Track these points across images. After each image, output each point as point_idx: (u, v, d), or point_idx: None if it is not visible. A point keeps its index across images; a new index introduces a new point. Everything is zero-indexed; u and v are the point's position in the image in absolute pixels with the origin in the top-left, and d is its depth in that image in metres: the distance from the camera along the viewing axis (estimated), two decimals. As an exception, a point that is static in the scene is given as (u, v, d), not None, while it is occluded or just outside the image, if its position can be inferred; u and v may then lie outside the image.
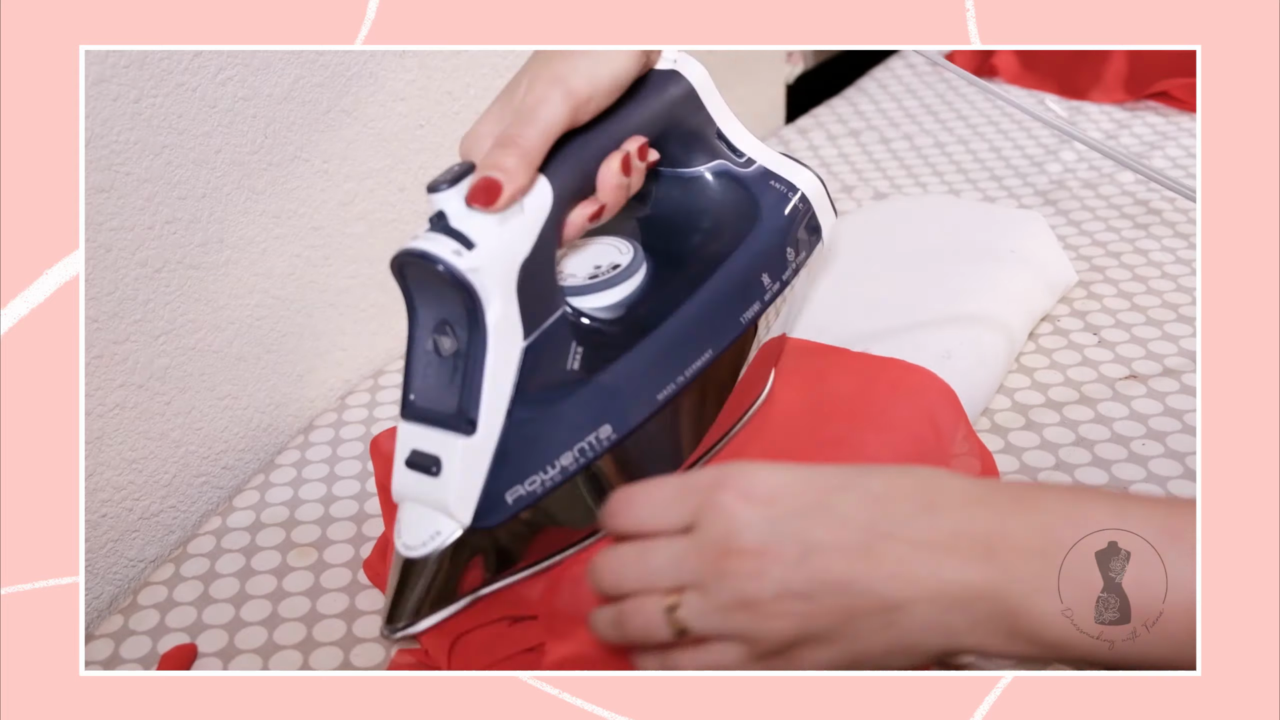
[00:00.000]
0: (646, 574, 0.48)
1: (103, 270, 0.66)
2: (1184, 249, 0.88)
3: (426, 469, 0.52)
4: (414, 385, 0.53)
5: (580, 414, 0.55)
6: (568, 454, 0.54)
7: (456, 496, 0.52)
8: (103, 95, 0.63)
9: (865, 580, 0.44)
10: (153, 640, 0.63)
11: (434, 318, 0.52)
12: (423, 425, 0.53)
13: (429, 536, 0.54)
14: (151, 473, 0.72)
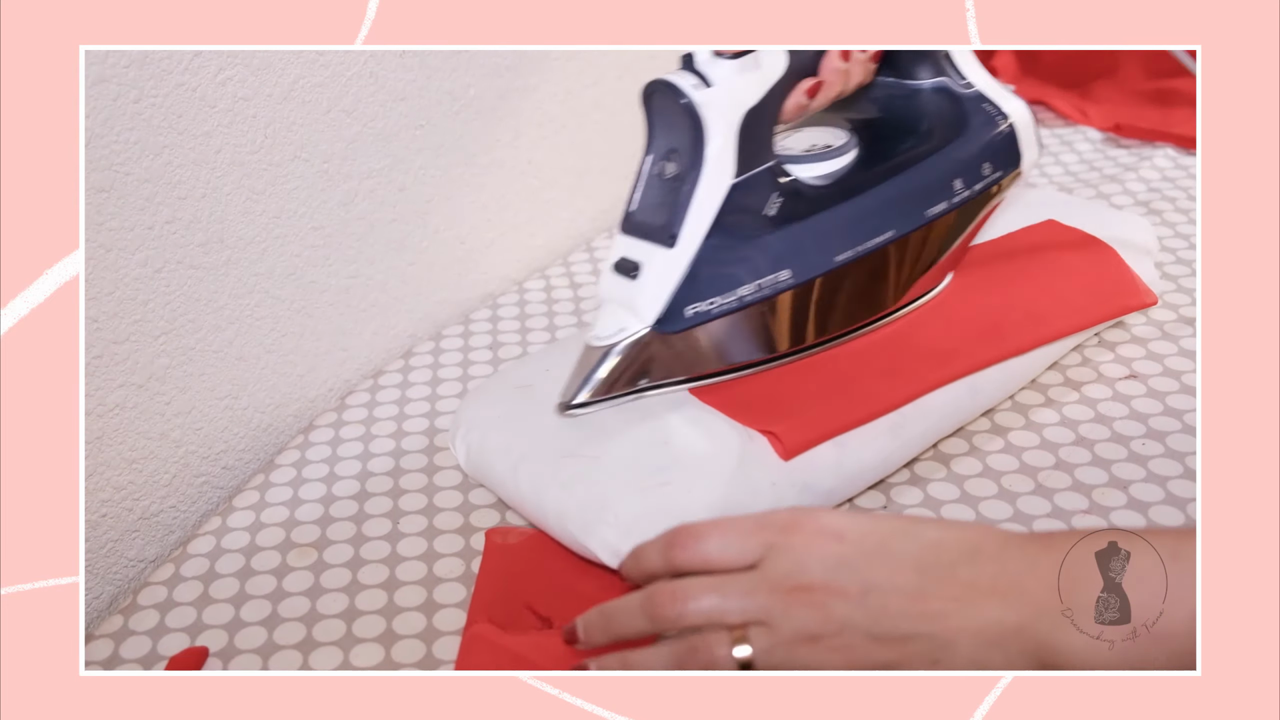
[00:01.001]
0: (715, 608, 0.50)
1: (103, 270, 0.66)
2: (1184, 249, 0.88)
3: (628, 273, 0.62)
4: (636, 201, 0.63)
5: (765, 254, 0.63)
6: (747, 286, 0.63)
7: (647, 299, 0.62)
8: (103, 95, 0.63)
9: (917, 619, 0.48)
10: (152, 640, 0.63)
11: (665, 145, 0.62)
12: (634, 237, 0.62)
13: (616, 330, 0.63)
14: (151, 473, 0.72)
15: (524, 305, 0.89)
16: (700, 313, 0.62)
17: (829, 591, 0.49)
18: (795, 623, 0.49)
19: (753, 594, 0.50)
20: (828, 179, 0.67)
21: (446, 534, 0.68)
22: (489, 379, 0.76)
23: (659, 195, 0.62)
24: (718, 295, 0.62)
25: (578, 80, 0.93)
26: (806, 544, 0.50)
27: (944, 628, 0.48)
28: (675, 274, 0.61)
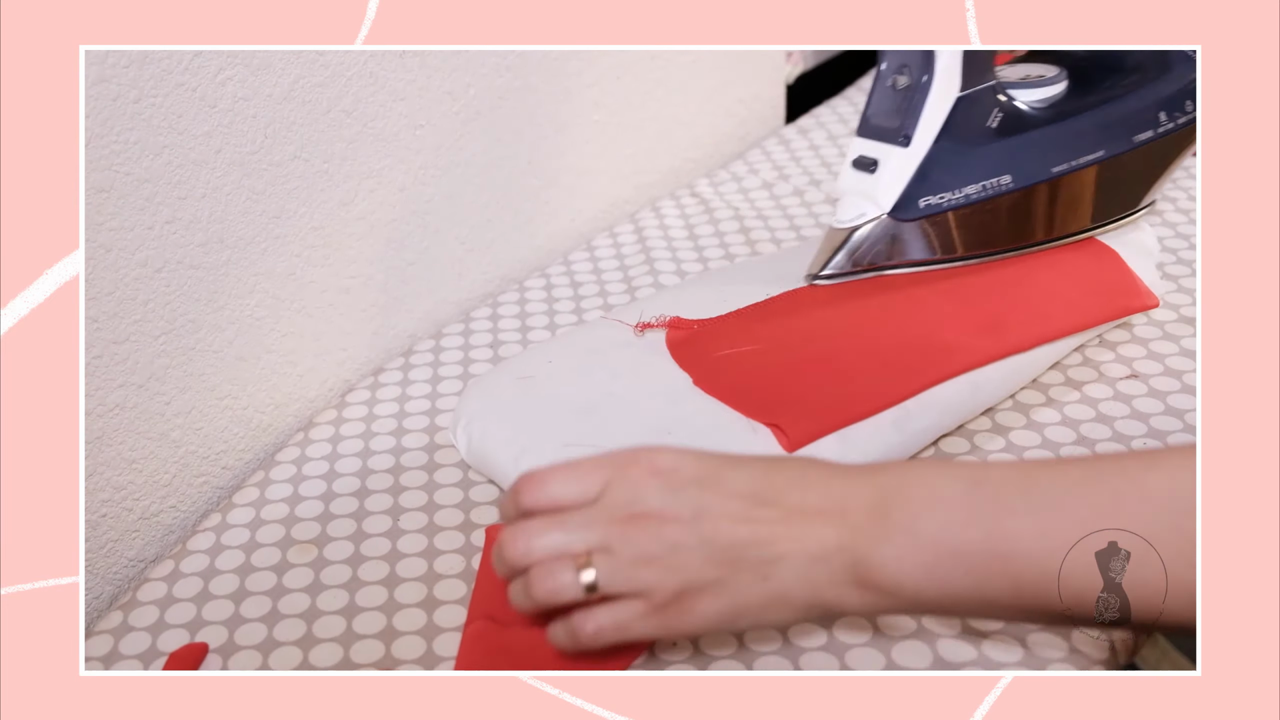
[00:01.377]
0: (559, 542, 0.53)
1: (103, 270, 0.66)
2: (1185, 249, 0.88)
3: (867, 168, 0.71)
4: (871, 110, 0.72)
5: (989, 158, 0.72)
6: (972, 186, 0.71)
7: (885, 190, 0.71)
8: (103, 95, 0.63)
9: (746, 540, 0.52)
10: (152, 637, 0.63)
11: (898, 60, 0.70)
12: (871, 139, 0.72)
13: (857, 215, 0.72)
14: (151, 473, 0.72)
15: (524, 305, 0.89)
16: (931, 205, 0.71)
17: (663, 518, 0.52)
18: (633, 547, 0.52)
19: (592, 525, 0.53)
20: (1043, 103, 0.74)
21: (447, 530, 0.68)
22: (490, 370, 0.76)
23: (892, 103, 0.71)
24: (946, 191, 0.71)
25: (578, 80, 0.93)
26: (642, 476, 0.53)
27: (772, 548, 0.52)
28: (910, 169, 0.70)
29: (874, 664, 0.58)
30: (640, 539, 0.52)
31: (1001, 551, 0.50)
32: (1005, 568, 0.50)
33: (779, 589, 0.52)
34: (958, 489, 0.51)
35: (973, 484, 0.51)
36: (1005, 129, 0.72)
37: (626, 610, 0.53)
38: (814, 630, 0.60)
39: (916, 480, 0.52)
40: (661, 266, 0.92)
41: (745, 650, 0.59)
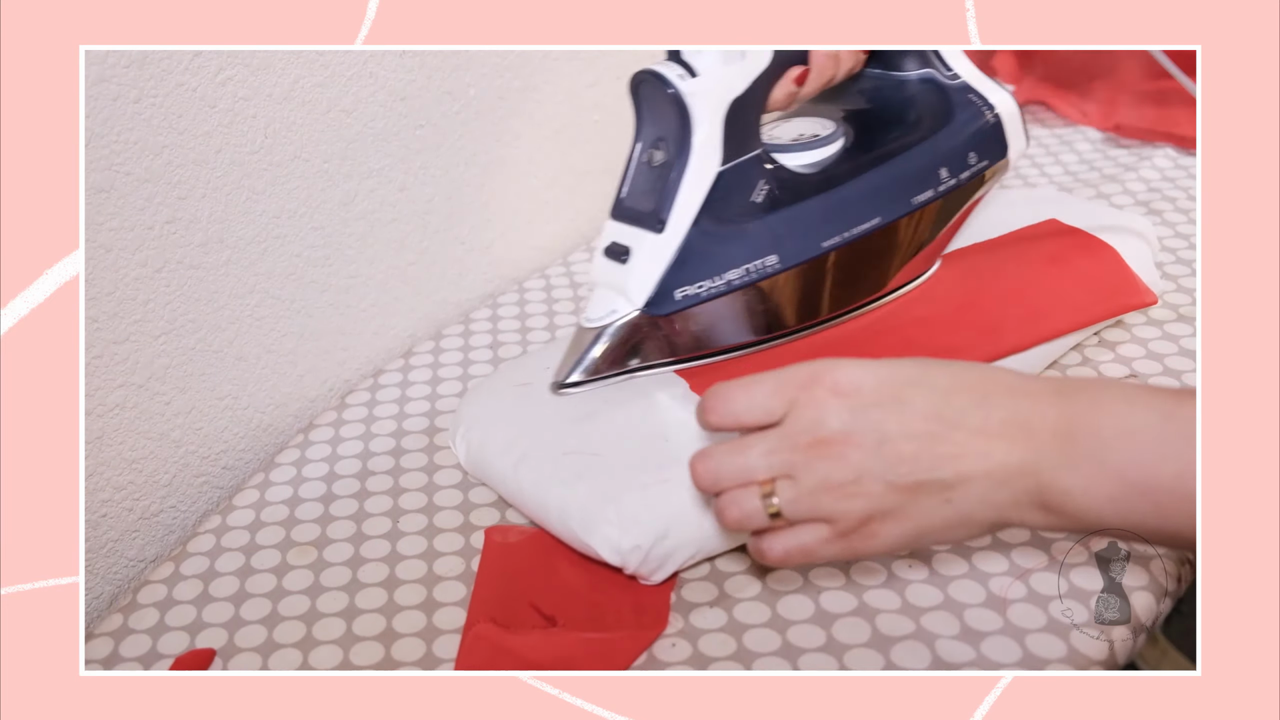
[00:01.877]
0: (743, 468, 0.54)
1: (103, 270, 0.66)
2: (1184, 249, 0.88)
3: (618, 257, 0.64)
4: (625, 189, 0.64)
5: (753, 240, 0.65)
6: (735, 270, 0.64)
7: (637, 282, 0.63)
8: (103, 95, 0.63)
9: (929, 463, 0.52)
10: (152, 639, 0.63)
11: (653, 133, 0.63)
12: (623, 223, 0.64)
13: (608, 313, 0.65)
14: (151, 473, 0.72)
15: (524, 305, 0.89)
16: (689, 296, 0.64)
17: (846, 443, 0.52)
18: (816, 474, 0.52)
19: (776, 451, 0.53)
20: (815, 167, 0.68)
21: (446, 532, 0.68)
22: (489, 377, 0.76)
23: (647, 182, 0.64)
24: (706, 279, 0.64)
25: (578, 80, 0.93)
26: (824, 399, 0.53)
27: (955, 471, 0.51)
28: (664, 258, 0.63)
29: (873, 664, 0.58)
30: (823, 466, 0.52)
31: (1191, 490, 0.49)
32: (1192, 506, 0.49)
33: (962, 511, 0.52)
34: (1150, 421, 0.50)
35: (1164, 417, 0.50)
36: (772, 202, 0.65)
37: (811, 535, 0.54)
38: (814, 630, 0.60)
39: (1107, 409, 0.51)
40: (661, 267, 0.92)
41: (745, 650, 0.59)
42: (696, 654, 0.59)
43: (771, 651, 0.59)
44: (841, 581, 0.63)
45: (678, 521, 0.62)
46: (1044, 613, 0.60)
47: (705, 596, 0.63)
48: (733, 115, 0.62)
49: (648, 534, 0.61)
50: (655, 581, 0.63)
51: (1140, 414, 0.50)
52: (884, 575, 0.63)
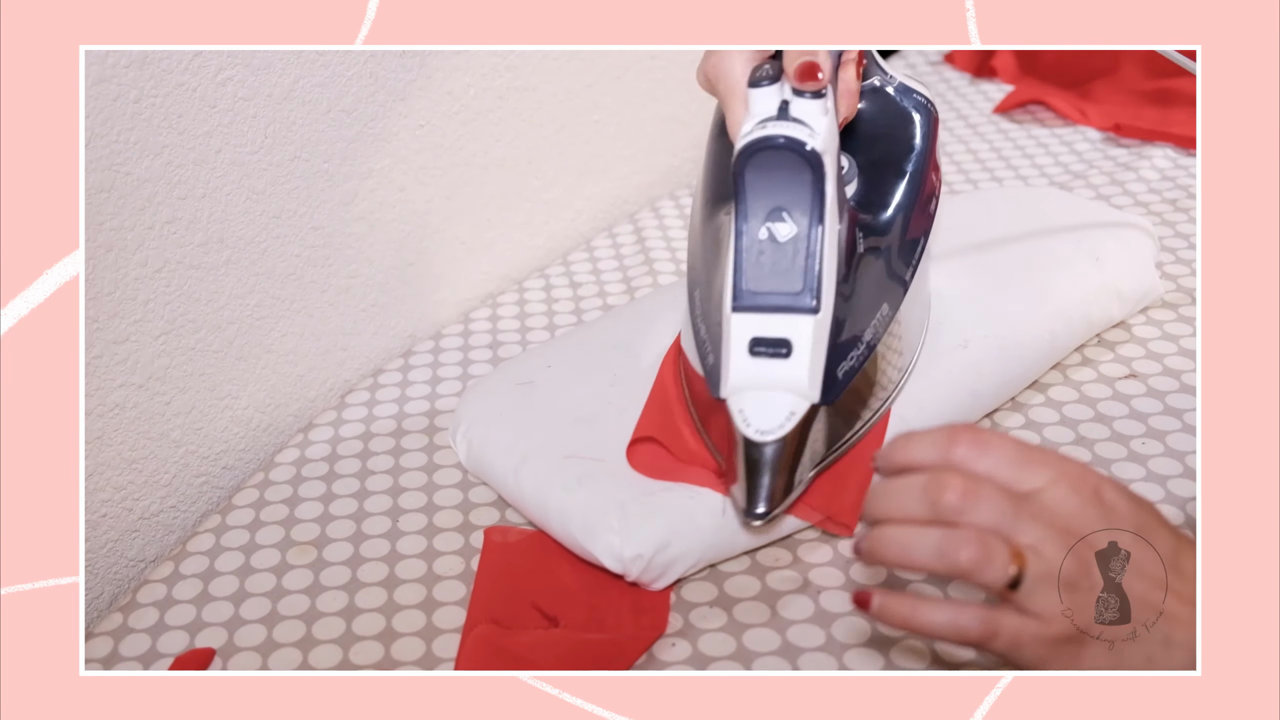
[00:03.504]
0: (1006, 518, 0.48)
1: (103, 270, 0.66)
2: (1184, 249, 0.88)
3: (777, 351, 0.56)
4: (747, 276, 0.57)
5: (867, 293, 0.60)
6: (868, 330, 0.60)
7: (808, 374, 0.56)
8: (103, 95, 0.63)
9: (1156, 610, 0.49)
10: (152, 638, 0.63)
11: (767, 206, 0.56)
12: (760, 313, 0.57)
13: (785, 418, 0.56)
14: (151, 473, 0.72)
15: (524, 305, 0.89)
16: (849, 370, 0.59)
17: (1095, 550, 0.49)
18: (1066, 566, 0.48)
19: (1038, 522, 0.49)
20: (852, 201, 0.65)
21: (446, 532, 0.68)
22: (489, 375, 0.76)
23: (776, 262, 0.57)
24: (854, 348, 0.59)
25: (578, 80, 0.93)
26: (1085, 500, 0.49)
27: (1173, 630, 0.49)
28: (825, 339, 0.57)
29: (873, 664, 0.58)
30: (1073, 562, 0.48)
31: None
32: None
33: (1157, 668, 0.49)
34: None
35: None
36: (853, 251, 0.61)
37: (1028, 628, 0.49)
38: (814, 630, 0.60)
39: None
40: (660, 267, 0.92)
41: (745, 650, 0.59)
42: (696, 654, 0.59)
43: (771, 651, 0.59)
44: (841, 581, 0.63)
45: (680, 530, 0.61)
46: (1044, 612, 0.60)
47: (705, 596, 0.63)
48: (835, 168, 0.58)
49: (650, 542, 0.61)
50: (656, 589, 0.63)
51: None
52: (884, 575, 0.63)
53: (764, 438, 0.57)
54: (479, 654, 0.59)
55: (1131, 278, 0.78)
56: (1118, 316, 0.78)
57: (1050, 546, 0.48)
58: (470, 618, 0.62)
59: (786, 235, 0.56)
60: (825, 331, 0.57)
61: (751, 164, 0.56)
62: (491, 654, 0.59)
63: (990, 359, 0.71)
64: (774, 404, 0.57)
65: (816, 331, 0.56)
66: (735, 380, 0.57)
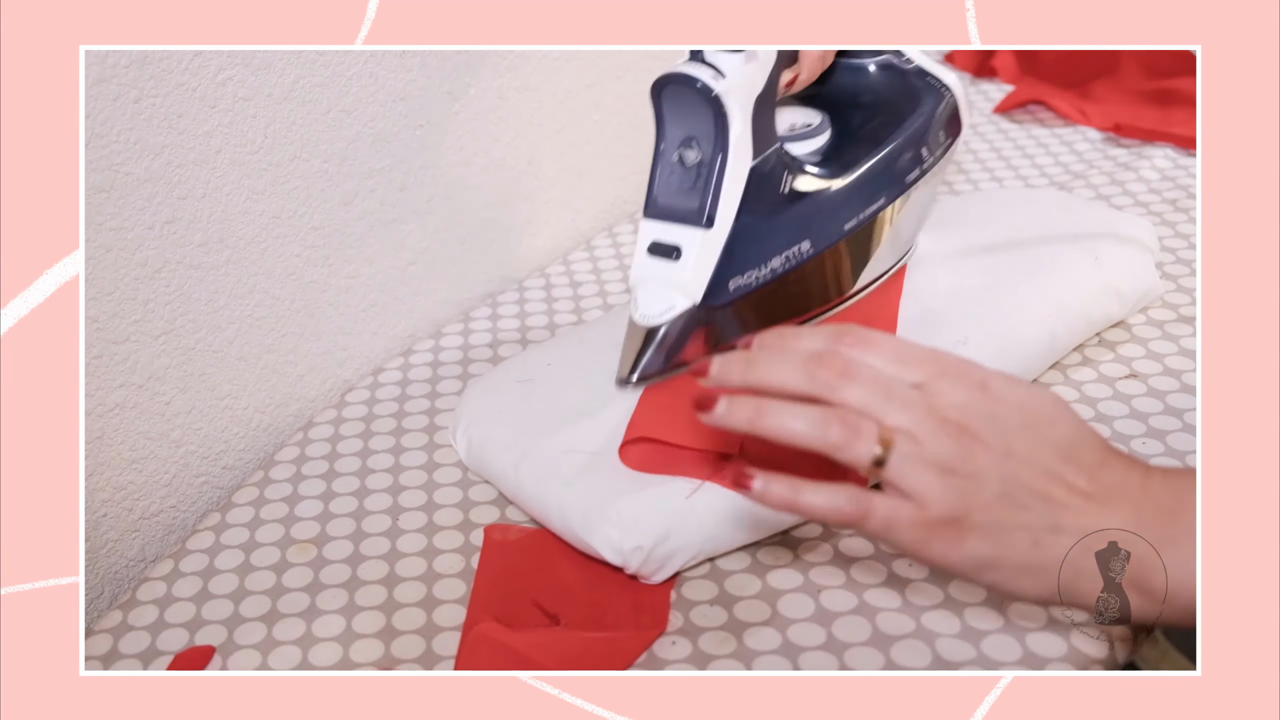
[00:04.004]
0: (880, 399, 0.50)
1: (103, 270, 0.66)
2: (1184, 249, 0.88)
3: (668, 254, 0.65)
4: (657, 189, 0.66)
5: (788, 227, 0.68)
6: (777, 258, 0.67)
7: (692, 277, 0.64)
8: (103, 95, 0.63)
9: (1041, 498, 0.50)
10: (151, 636, 0.63)
11: (680, 133, 0.65)
12: (664, 221, 0.66)
13: (665, 309, 0.65)
14: (151, 473, 0.72)
15: (524, 305, 0.89)
16: (741, 286, 0.66)
17: (977, 439, 0.50)
18: (940, 449, 0.50)
19: (912, 407, 0.50)
20: (815, 156, 0.71)
21: (446, 530, 0.68)
22: (489, 373, 0.76)
23: (683, 181, 0.66)
24: (753, 269, 0.66)
25: (578, 80, 0.93)
26: (970, 390, 0.51)
27: (1060, 516, 0.50)
28: (716, 252, 0.65)
29: (874, 664, 0.58)
30: (949, 445, 0.50)
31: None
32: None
33: (1045, 558, 0.50)
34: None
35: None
36: (794, 193, 0.68)
37: (903, 510, 0.50)
38: (814, 629, 0.60)
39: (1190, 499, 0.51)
40: (661, 266, 0.92)
41: (745, 649, 0.59)
42: (696, 652, 0.59)
43: (771, 650, 0.59)
44: (842, 580, 0.63)
45: (680, 522, 0.62)
46: (1044, 612, 0.60)
47: (705, 595, 0.63)
48: (756, 111, 0.65)
49: (649, 534, 0.61)
50: (656, 582, 0.63)
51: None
52: (884, 574, 0.63)
53: (645, 322, 0.65)
54: (479, 651, 0.59)
55: (1131, 278, 0.78)
56: (1118, 316, 0.78)
57: (925, 430, 0.50)
58: (470, 615, 0.62)
59: (693, 160, 0.65)
60: (715, 246, 0.65)
61: (665, 94, 0.65)
62: (492, 651, 0.59)
63: (990, 358, 0.70)
64: (660, 297, 0.65)
65: (704, 244, 0.64)
66: (635, 274, 0.66)
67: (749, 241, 0.66)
